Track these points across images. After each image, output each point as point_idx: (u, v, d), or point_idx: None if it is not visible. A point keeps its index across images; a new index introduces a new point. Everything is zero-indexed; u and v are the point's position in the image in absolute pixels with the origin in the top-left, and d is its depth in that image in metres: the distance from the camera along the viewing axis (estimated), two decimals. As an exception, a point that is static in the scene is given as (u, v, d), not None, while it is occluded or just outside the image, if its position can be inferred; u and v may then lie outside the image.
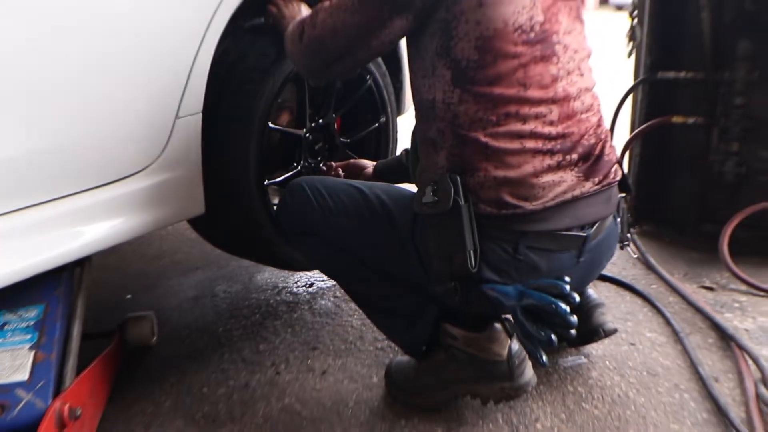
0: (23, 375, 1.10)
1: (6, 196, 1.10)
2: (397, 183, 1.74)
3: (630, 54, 2.10)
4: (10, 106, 1.07)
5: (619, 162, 1.24)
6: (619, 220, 1.25)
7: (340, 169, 1.66)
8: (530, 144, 1.06)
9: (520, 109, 1.05)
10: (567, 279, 1.04)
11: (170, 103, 1.32)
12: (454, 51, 1.05)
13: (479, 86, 1.05)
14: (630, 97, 2.14)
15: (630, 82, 2.13)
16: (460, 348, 1.22)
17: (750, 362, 1.37)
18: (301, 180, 1.30)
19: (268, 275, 2.01)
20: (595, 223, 1.14)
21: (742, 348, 1.40)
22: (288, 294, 1.88)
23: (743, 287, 1.76)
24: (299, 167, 1.68)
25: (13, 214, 1.12)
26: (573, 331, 1.01)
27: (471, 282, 1.08)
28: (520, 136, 1.05)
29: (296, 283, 1.96)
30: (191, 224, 1.67)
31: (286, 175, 1.64)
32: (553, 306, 1.00)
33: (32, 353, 1.14)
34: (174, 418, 1.30)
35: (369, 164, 1.67)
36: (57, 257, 1.20)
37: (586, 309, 1.38)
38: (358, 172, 1.66)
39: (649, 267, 1.90)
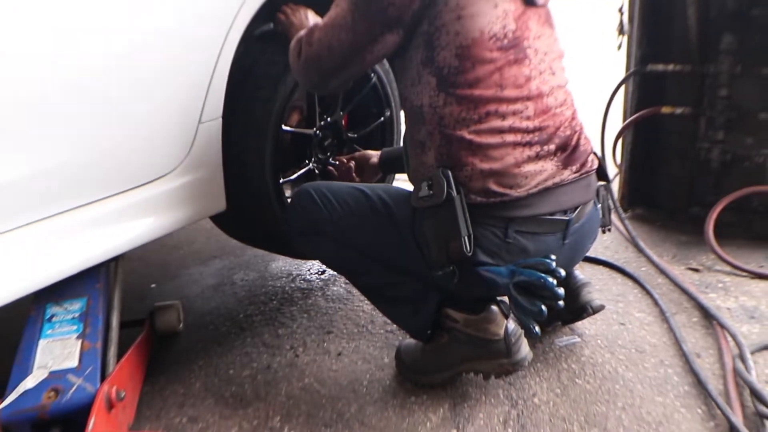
0: (73, 362, 1.22)
1: (59, 198, 1.22)
2: (400, 172, 1.87)
3: (619, 47, 2.20)
4: (65, 121, 1.18)
5: (595, 152, 1.37)
6: (599, 206, 1.39)
7: (351, 162, 1.77)
8: (510, 138, 1.19)
9: (498, 108, 1.18)
10: (553, 257, 1.18)
11: (194, 111, 1.43)
12: (437, 60, 1.18)
13: (461, 89, 1.17)
14: (622, 88, 2.24)
15: (621, 73, 2.23)
16: (461, 330, 1.35)
17: (729, 339, 1.49)
18: (308, 185, 1.43)
19: (282, 263, 2.14)
20: (576, 208, 1.28)
21: (722, 326, 1.53)
22: (302, 281, 2.01)
23: (727, 268, 1.89)
24: (310, 164, 1.79)
25: (65, 214, 1.24)
26: (561, 303, 1.16)
27: (467, 265, 1.22)
28: (500, 131, 1.18)
29: (309, 270, 2.09)
30: (212, 219, 1.79)
31: (299, 173, 1.76)
32: (542, 280, 1.15)
33: (79, 342, 1.26)
34: (205, 397, 1.44)
35: (374, 154, 1.78)
36: (101, 254, 1.33)
37: (574, 288, 1.51)
38: (364, 163, 1.77)
39: (640, 250, 2.02)
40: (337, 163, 1.80)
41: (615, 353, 1.50)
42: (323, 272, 2.06)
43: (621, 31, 2.14)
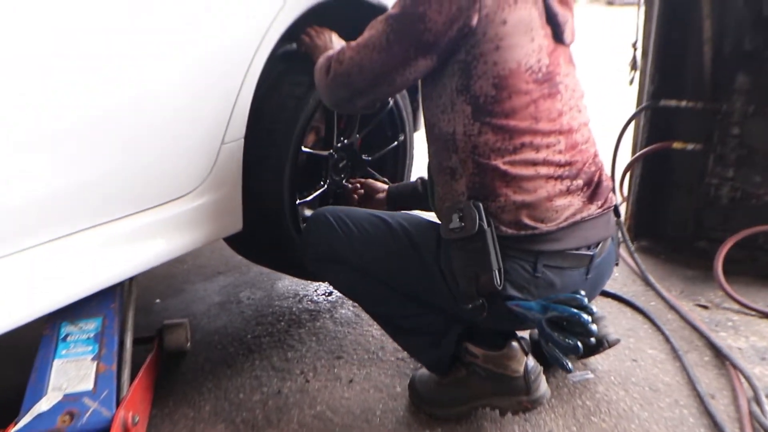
0: (88, 385, 1.20)
1: (79, 216, 1.20)
2: (409, 209, 1.87)
3: (631, 82, 2.22)
4: (85, 140, 1.16)
5: (613, 189, 1.38)
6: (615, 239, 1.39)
7: (359, 189, 1.76)
8: (543, 170, 1.19)
9: (533, 140, 1.18)
10: (582, 292, 1.17)
11: (217, 132, 1.42)
12: (473, 88, 1.18)
13: (497, 119, 1.18)
14: (632, 123, 2.26)
15: (632, 108, 2.26)
16: (481, 365, 1.34)
17: (743, 380, 1.50)
18: (324, 210, 1.41)
19: (289, 282, 2.12)
20: (599, 243, 1.28)
21: (736, 367, 1.53)
22: (309, 302, 1.99)
23: (736, 306, 1.90)
24: (325, 185, 1.78)
25: (84, 232, 1.21)
26: (593, 339, 1.15)
27: (496, 299, 1.20)
28: (534, 163, 1.19)
29: (316, 291, 2.07)
30: (224, 238, 1.77)
31: (315, 194, 1.74)
32: (576, 316, 1.13)
33: (95, 364, 1.23)
34: (215, 422, 1.41)
35: (382, 188, 1.76)
36: (118, 274, 1.31)
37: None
38: (372, 193, 1.76)
39: (648, 284, 2.03)
40: (350, 185, 1.79)
41: (629, 391, 1.49)
42: (330, 293, 2.04)
43: (634, 66, 2.17)
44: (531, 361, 1.33)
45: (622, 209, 2.46)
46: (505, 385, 1.32)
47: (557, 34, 1.23)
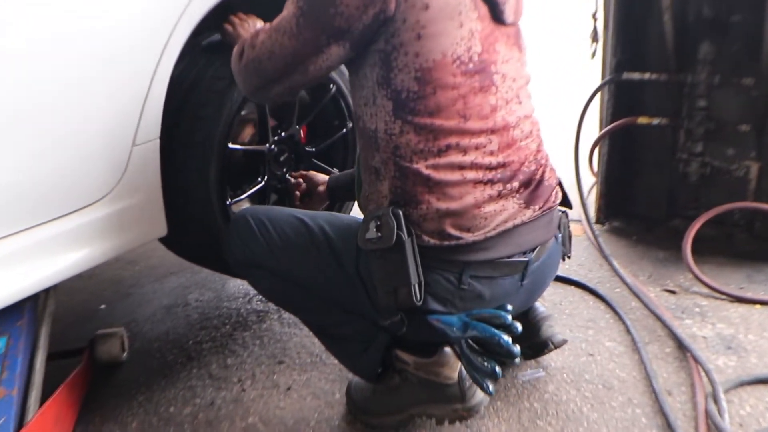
0: (-17, 412, 1.12)
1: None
2: (349, 199, 1.76)
3: (593, 55, 2.09)
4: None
5: (560, 183, 1.27)
6: (560, 236, 1.28)
7: (302, 184, 1.66)
8: (471, 175, 1.07)
9: (460, 141, 1.06)
10: (509, 308, 1.08)
11: (125, 133, 1.32)
12: (394, 82, 1.06)
13: (420, 117, 1.05)
14: (597, 97, 2.13)
15: (596, 83, 2.13)
16: (412, 372, 1.25)
17: (703, 375, 1.40)
18: (246, 212, 1.31)
19: (240, 282, 2.04)
20: (537, 247, 1.17)
21: (696, 360, 1.43)
22: (258, 302, 1.91)
23: (705, 290, 1.79)
24: (263, 181, 1.68)
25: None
26: (517, 360, 1.06)
27: (417, 312, 1.11)
28: (461, 167, 1.07)
29: (268, 289, 1.98)
30: (159, 240, 1.68)
31: (250, 192, 1.65)
32: (496, 338, 1.03)
33: (-8, 389, 1.16)
34: (140, 440, 1.34)
35: (323, 180, 1.66)
36: (18, 291, 1.21)
37: (534, 322, 1.41)
38: (313, 188, 1.66)
39: (615, 271, 1.92)
40: (291, 180, 1.70)
41: (581, 389, 1.40)
42: (283, 291, 1.96)
43: (595, 38, 2.03)
44: None
45: (593, 189, 2.35)
46: (439, 392, 1.23)
47: (495, 14, 1.09)
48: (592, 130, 2.33)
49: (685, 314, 1.69)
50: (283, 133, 1.72)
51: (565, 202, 1.28)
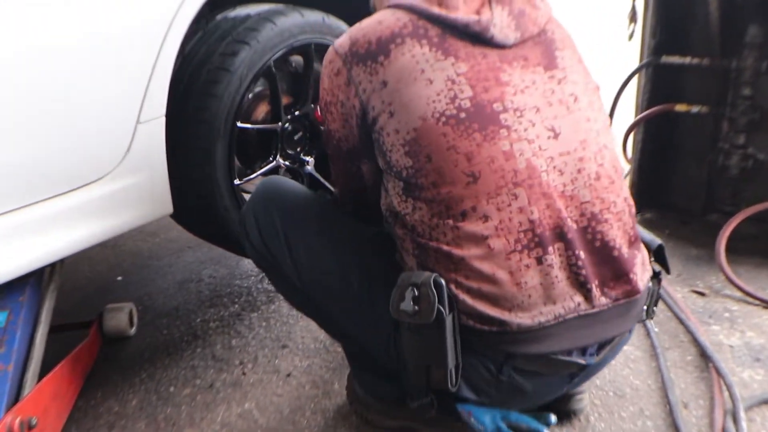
0: (-24, 387, 1.13)
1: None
2: None
3: (631, 37, 1.94)
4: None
5: (658, 247, 1.06)
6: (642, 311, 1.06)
7: None
8: (499, 244, 0.90)
9: (477, 205, 0.91)
10: (552, 419, 1.01)
11: (130, 110, 1.29)
12: (392, 163, 0.96)
13: (426, 191, 0.93)
14: (634, 80, 1.99)
15: (634, 63, 1.99)
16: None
17: (725, 388, 1.31)
18: (266, 192, 1.15)
19: (255, 260, 2.02)
20: (604, 344, 0.99)
21: (719, 372, 1.34)
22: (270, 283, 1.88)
23: (738, 294, 1.68)
24: (274, 161, 1.64)
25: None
26: None
27: (447, 396, 1.00)
28: (484, 237, 0.90)
29: (282, 269, 1.96)
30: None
31: (260, 172, 1.61)
32: None
33: (-12, 364, 1.17)
34: (138, 418, 1.34)
35: None
36: (20, 266, 1.21)
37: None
38: None
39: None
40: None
41: (591, 396, 1.33)
42: (296, 272, 1.93)
43: (633, 19, 1.88)
44: None
45: (627, 177, 2.21)
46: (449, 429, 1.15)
47: (485, 42, 0.95)
48: (628, 115, 2.19)
49: (713, 319, 1.59)
50: (296, 113, 1.66)
51: (661, 257, 1.08)
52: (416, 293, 0.91)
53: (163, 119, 1.36)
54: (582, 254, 0.92)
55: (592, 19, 5.52)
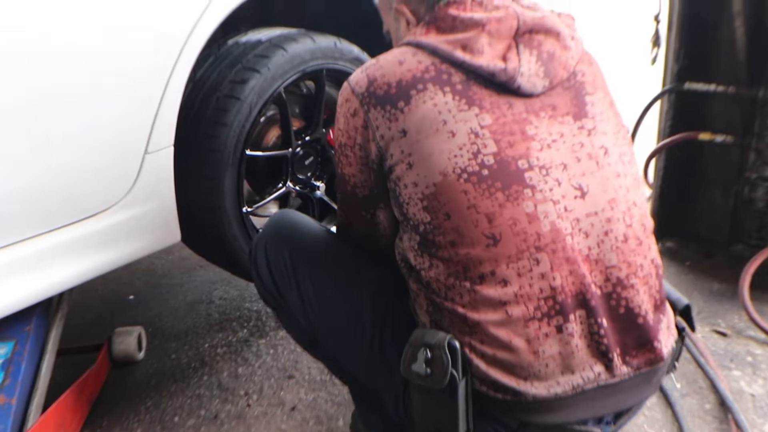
0: (-21, 421, 1.14)
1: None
2: None
3: (654, 61, 1.87)
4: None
5: (685, 307, 1.00)
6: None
7: None
8: (517, 311, 0.85)
9: (496, 269, 0.85)
10: None
11: (137, 141, 1.29)
12: (409, 215, 0.91)
13: (443, 250, 0.88)
14: (657, 105, 1.93)
15: (657, 87, 1.92)
16: None
17: (743, 441, 1.25)
18: (277, 230, 1.12)
19: (266, 281, 2.01)
20: (622, 413, 0.94)
21: (738, 424, 1.28)
22: (281, 306, 1.87)
23: (762, 335, 1.61)
24: (283, 187, 1.62)
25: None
26: None
27: None
28: (503, 302, 0.85)
29: (292, 291, 1.94)
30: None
31: (269, 198, 1.59)
32: None
33: (-8, 397, 1.17)
34: (141, 450, 1.34)
35: None
36: (25, 298, 1.22)
37: None
38: None
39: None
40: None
41: (601, 444, 1.28)
42: (307, 295, 1.92)
43: (656, 43, 1.82)
44: None
45: (649, 202, 2.15)
46: None
47: (512, 91, 0.89)
48: (650, 138, 2.12)
49: (734, 363, 1.52)
50: (307, 138, 1.64)
51: (687, 316, 1.02)
52: (429, 355, 0.86)
53: (172, 149, 1.35)
54: (604, 322, 0.87)
55: (616, 41, 5.38)
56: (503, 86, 0.89)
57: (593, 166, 0.89)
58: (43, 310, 1.33)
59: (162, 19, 1.27)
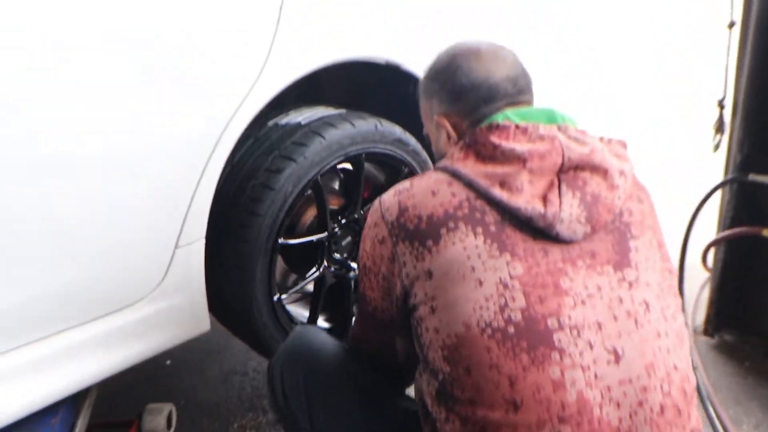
0: None
1: (7, 336, 1.12)
2: None
3: (716, 148, 1.76)
4: (10, 249, 1.07)
5: None
6: None
7: None
8: None
9: None
10: None
11: (168, 239, 1.29)
12: (429, 360, 0.87)
13: (461, 406, 0.82)
14: (718, 194, 1.81)
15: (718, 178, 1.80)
16: None
17: None
18: (299, 366, 1.08)
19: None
20: None
21: None
22: (312, 383, 1.84)
23: (830, 458, 1.46)
24: (318, 271, 1.60)
25: (11, 353, 1.14)
26: None
27: None
28: None
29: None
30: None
31: (303, 284, 1.57)
32: None
33: (10, 499, 1.18)
34: None
35: None
36: (57, 392, 1.23)
37: None
38: None
39: (708, 414, 1.59)
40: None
41: None
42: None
43: (719, 130, 1.71)
44: None
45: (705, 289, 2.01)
46: None
47: (550, 237, 0.83)
48: (710, 222, 1.99)
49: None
50: (344, 220, 1.62)
51: None
52: None
53: (203, 241, 1.35)
54: None
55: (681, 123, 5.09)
56: (540, 231, 0.83)
57: (631, 326, 0.81)
58: (70, 402, 1.34)
59: (201, 106, 1.25)
